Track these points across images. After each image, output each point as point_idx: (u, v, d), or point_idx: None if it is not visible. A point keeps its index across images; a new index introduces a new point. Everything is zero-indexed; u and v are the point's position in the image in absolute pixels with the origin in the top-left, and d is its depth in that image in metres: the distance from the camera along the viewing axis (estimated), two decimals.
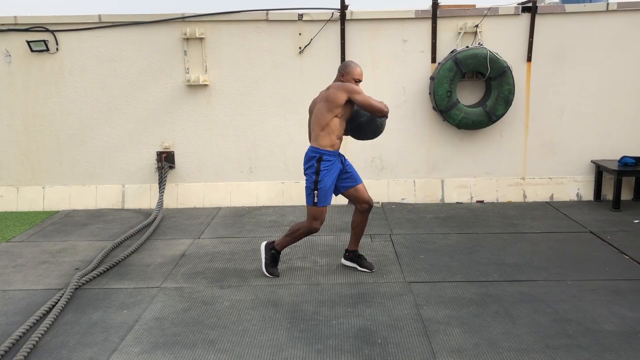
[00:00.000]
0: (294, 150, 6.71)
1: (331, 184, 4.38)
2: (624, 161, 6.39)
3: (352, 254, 4.71)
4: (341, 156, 4.48)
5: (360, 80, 4.38)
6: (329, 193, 4.40)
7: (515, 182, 6.83)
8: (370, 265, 4.63)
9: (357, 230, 4.65)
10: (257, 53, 6.61)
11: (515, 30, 6.53)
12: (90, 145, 6.81)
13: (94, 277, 4.60)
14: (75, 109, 6.73)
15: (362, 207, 4.53)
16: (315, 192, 4.35)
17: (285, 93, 6.67)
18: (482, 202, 6.81)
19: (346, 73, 4.39)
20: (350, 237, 4.73)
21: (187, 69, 6.61)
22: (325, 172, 4.32)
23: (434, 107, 6.60)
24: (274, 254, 4.62)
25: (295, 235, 4.53)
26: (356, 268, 4.66)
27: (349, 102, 4.27)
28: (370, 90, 6.62)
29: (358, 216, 4.59)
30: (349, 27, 6.53)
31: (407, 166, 6.84)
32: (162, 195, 6.60)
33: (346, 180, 4.50)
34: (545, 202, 6.75)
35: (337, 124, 4.30)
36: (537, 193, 6.81)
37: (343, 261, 4.76)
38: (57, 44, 6.58)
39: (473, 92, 6.68)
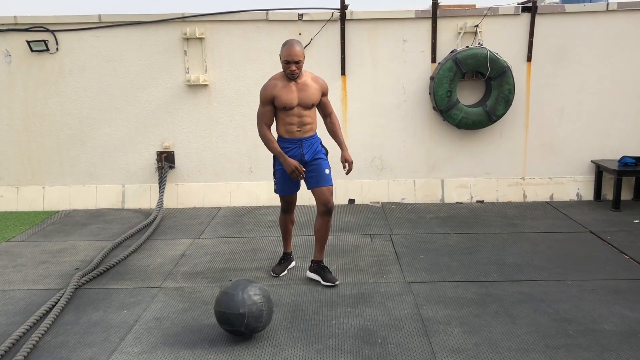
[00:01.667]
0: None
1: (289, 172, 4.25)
2: (624, 161, 6.39)
3: (316, 265, 4.43)
4: (304, 146, 4.26)
5: (288, 61, 4.06)
6: (286, 181, 4.34)
7: (515, 182, 6.83)
8: (333, 278, 4.33)
9: (318, 235, 4.39)
10: (257, 53, 6.61)
11: (515, 30, 6.53)
12: (90, 145, 6.81)
13: (94, 277, 4.60)
14: (75, 109, 6.73)
15: (319, 208, 4.31)
16: (274, 179, 4.45)
17: None
18: (482, 202, 6.81)
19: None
20: (314, 245, 4.49)
21: (187, 69, 6.61)
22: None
23: (434, 107, 6.60)
24: (281, 257, 4.72)
25: (281, 228, 4.63)
26: (319, 282, 4.38)
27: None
28: (370, 90, 6.65)
29: (318, 219, 4.36)
30: (349, 27, 6.54)
31: (407, 166, 6.84)
32: (162, 195, 6.60)
33: (310, 177, 4.30)
34: (545, 202, 6.76)
35: (277, 112, 4.26)
36: (537, 193, 6.81)
37: (308, 273, 4.48)
38: (57, 44, 6.58)
39: (473, 92, 6.68)
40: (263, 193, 6.85)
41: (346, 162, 4.35)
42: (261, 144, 6.70)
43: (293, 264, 4.74)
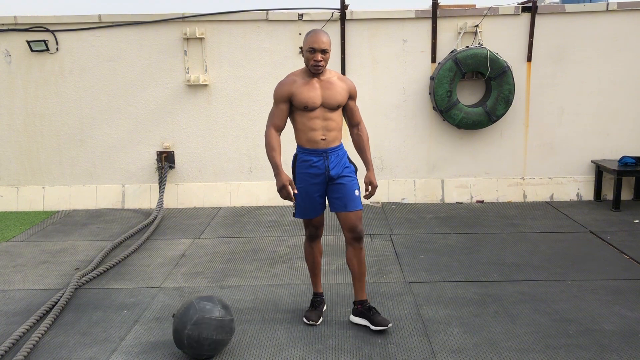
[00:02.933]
0: (294, 150, 6.69)
1: (314, 194, 3.60)
2: (624, 161, 6.39)
3: (361, 307, 3.68)
4: (330, 158, 3.60)
5: (313, 49, 3.42)
6: (308, 203, 3.62)
7: (515, 182, 6.83)
8: (384, 320, 3.59)
9: (352, 269, 3.66)
10: (257, 53, 6.61)
11: (515, 30, 6.53)
12: (90, 145, 6.81)
13: (94, 277, 4.60)
14: (75, 109, 6.73)
15: (345, 235, 3.62)
16: (293, 202, 3.62)
17: None
18: (482, 202, 6.81)
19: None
20: (352, 282, 3.76)
21: (187, 69, 6.61)
22: (302, 176, 3.63)
23: (434, 107, 6.60)
24: (312, 299, 3.90)
25: (307, 261, 3.87)
26: (368, 327, 3.63)
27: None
28: (370, 90, 6.65)
29: (348, 249, 3.65)
30: (349, 27, 6.54)
31: (407, 166, 6.84)
32: (162, 195, 6.60)
33: (336, 197, 3.61)
34: (545, 202, 6.75)
35: (296, 116, 3.63)
36: (537, 193, 6.81)
37: (352, 318, 3.74)
38: (57, 44, 6.58)
39: (473, 92, 6.68)
40: (263, 193, 6.85)
41: (370, 184, 3.67)
42: (261, 143, 6.75)
43: (324, 307, 3.95)
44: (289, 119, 3.64)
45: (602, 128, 6.72)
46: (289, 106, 3.58)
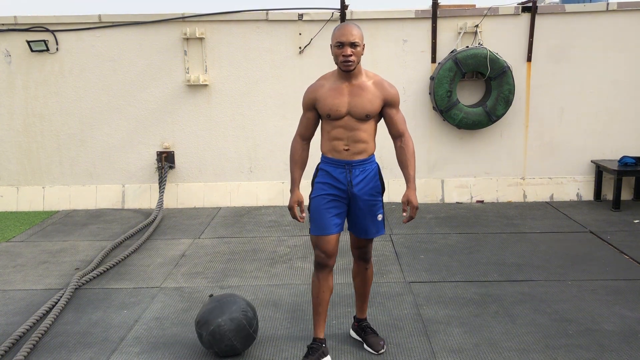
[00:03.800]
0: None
1: (329, 206, 3.18)
2: (624, 161, 6.39)
3: (357, 324, 3.52)
4: (354, 172, 3.23)
5: (341, 43, 3.02)
6: (323, 217, 3.16)
7: (515, 182, 6.83)
8: (377, 344, 3.36)
9: (355, 287, 3.51)
10: (257, 53, 6.61)
11: (515, 30, 6.53)
12: (90, 145, 6.81)
13: (94, 277, 4.60)
14: (75, 109, 6.73)
15: (352, 251, 3.44)
16: (308, 213, 3.25)
17: (285, 93, 6.67)
18: (482, 202, 6.81)
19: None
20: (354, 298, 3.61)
21: (187, 69, 6.61)
22: (320, 186, 3.23)
23: (434, 107, 6.60)
24: (309, 345, 3.29)
25: (312, 294, 3.26)
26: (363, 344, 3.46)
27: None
28: None
29: (354, 266, 3.48)
30: None
31: None
32: (162, 195, 6.60)
33: (359, 222, 3.28)
34: (545, 202, 6.76)
35: (322, 123, 3.29)
36: (537, 193, 6.81)
37: (350, 332, 3.60)
38: (57, 44, 6.58)
39: (473, 92, 6.68)
40: (263, 193, 6.85)
41: (409, 204, 3.19)
42: (261, 143, 6.84)
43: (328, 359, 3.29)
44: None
45: (602, 128, 6.72)
46: (315, 114, 3.23)
